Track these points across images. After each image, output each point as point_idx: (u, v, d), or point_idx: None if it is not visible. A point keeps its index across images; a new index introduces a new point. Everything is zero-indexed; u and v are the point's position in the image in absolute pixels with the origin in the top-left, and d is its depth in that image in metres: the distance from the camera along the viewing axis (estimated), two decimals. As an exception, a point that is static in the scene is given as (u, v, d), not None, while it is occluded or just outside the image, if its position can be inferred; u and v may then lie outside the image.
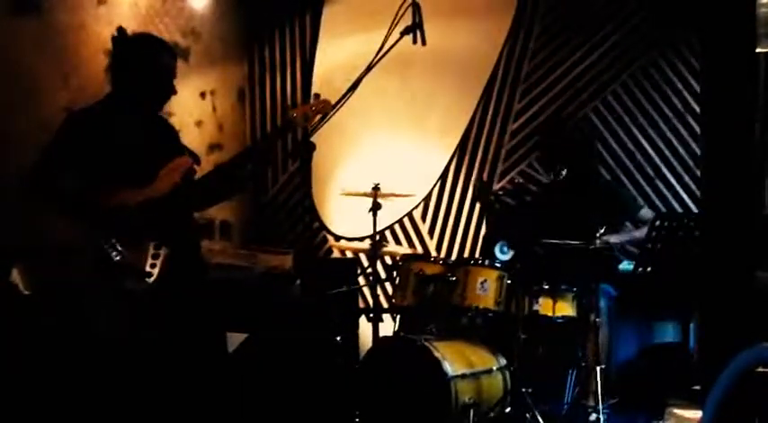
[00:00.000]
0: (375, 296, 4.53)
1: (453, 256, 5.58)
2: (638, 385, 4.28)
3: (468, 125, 5.67)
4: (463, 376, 3.72)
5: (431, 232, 5.74)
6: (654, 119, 5.24)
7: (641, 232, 4.34)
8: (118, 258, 3.15)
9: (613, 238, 4.28)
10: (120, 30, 3.39)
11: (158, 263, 3.19)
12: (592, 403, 3.96)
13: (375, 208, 4.46)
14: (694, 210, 5.08)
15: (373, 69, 3.42)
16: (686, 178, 5.16)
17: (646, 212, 4.56)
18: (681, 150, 5.17)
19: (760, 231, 4.35)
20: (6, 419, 3.42)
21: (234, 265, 4.59)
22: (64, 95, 4.48)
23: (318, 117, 3.39)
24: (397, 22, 3.38)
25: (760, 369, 2.69)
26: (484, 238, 5.38)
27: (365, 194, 4.53)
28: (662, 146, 5.22)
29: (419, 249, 5.64)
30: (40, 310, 3.60)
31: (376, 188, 4.51)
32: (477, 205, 5.49)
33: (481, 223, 5.52)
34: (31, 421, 3.41)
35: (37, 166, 3.26)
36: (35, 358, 3.45)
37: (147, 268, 3.18)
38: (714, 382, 2.26)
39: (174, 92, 3.44)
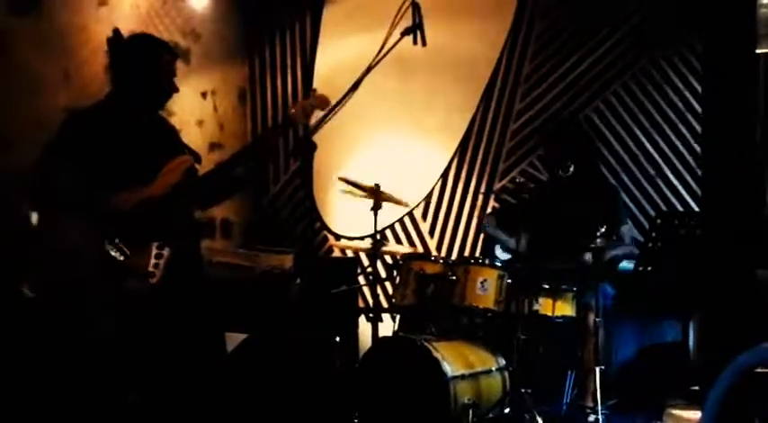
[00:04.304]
0: (375, 296, 4.53)
1: (454, 255, 5.58)
2: (638, 385, 4.28)
3: (468, 125, 5.67)
4: (462, 377, 3.72)
5: (431, 231, 5.74)
6: (655, 118, 5.23)
7: (619, 251, 4.33)
8: (121, 258, 3.15)
9: (616, 250, 4.27)
10: (115, 31, 3.39)
11: (161, 263, 3.19)
12: (591, 404, 3.96)
13: (376, 207, 4.46)
14: (696, 209, 5.08)
15: (374, 70, 3.42)
16: (687, 177, 5.15)
17: (627, 230, 4.50)
18: (682, 150, 5.17)
19: (760, 231, 4.36)
20: (9, 420, 3.43)
21: (234, 264, 4.60)
22: (64, 95, 4.48)
23: (317, 112, 3.38)
24: (398, 23, 3.38)
25: (759, 369, 2.69)
26: (484, 237, 5.38)
27: (362, 189, 4.50)
28: (663, 145, 5.21)
29: (420, 248, 5.64)
30: (44, 311, 3.60)
31: (377, 187, 4.49)
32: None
33: (482, 222, 5.51)
34: (33, 421, 3.41)
35: (38, 165, 3.26)
36: (38, 359, 3.45)
37: (150, 268, 3.18)
38: (714, 382, 2.26)
39: (175, 90, 3.43)
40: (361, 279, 5.12)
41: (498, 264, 4.23)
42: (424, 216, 5.76)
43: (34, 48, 4.37)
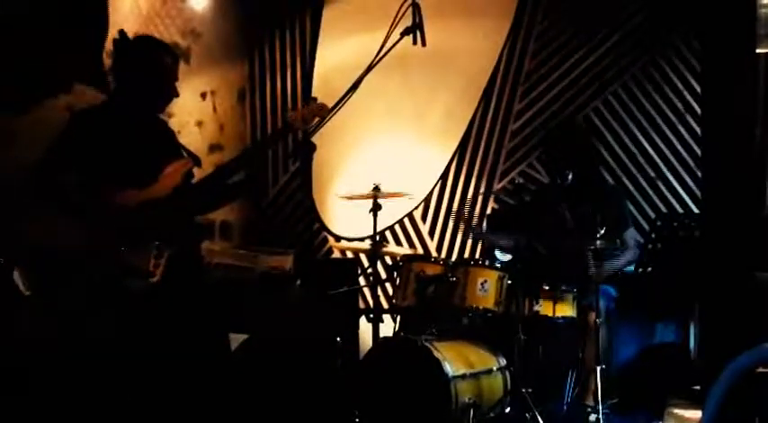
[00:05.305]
0: (375, 297, 4.53)
1: (454, 257, 5.58)
2: (638, 385, 4.29)
3: (468, 125, 5.67)
4: (463, 376, 3.72)
5: (431, 233, 5.74)
6: (654, 119, 5.24)
7: (628, 256, 4.34)
8: (121, 258, 3.15)
9: (620, 261, 4.27)
10: (121, 32, 3.40)
11: (161, 263, 3.20)
12: (592, 403, 3.96)
13: (375, 208, 4.46)
14: (695, 210, 5.08)
15: (373, 69, 3.42)
16: (687, 179, 5.16)
17: (630, 233, 4.50)
18: (681, 151, 5.17)
19: (760, 232, 4.36)
20: (8, 420, 3.43)
21: (234, 265, 4.59)
22: (65, 96, 4.48)
23: (316, 120, 3.39)
24: (398, 23, 3.38)
25: (760, 369, 2.69)
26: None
27: (363, 196, 4.52)
28: (663, 146, 5.22)
29: (419, 250, 5.64)
30: (42, 310, 3.60)
31: (376, 189, 4.49)
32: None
33: (482, 223, 5.52)
34: (32, 421, 3.41)
35: (42, 165, 3.27)
36: (36, 359, 3.45)
37: (150, 268, 3.19)
38: (714, 382, 2.27)
39: (175, 95, 3.44)
40: (362, 280, 5.13)
41: (498, 265, 4.23)
42: (424, 217, 5.76)
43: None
